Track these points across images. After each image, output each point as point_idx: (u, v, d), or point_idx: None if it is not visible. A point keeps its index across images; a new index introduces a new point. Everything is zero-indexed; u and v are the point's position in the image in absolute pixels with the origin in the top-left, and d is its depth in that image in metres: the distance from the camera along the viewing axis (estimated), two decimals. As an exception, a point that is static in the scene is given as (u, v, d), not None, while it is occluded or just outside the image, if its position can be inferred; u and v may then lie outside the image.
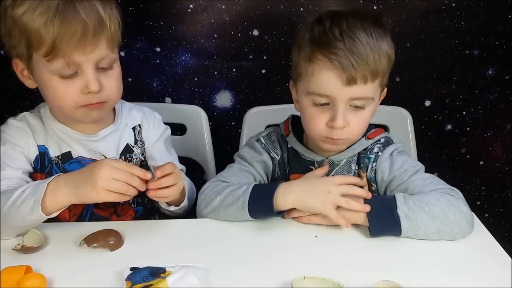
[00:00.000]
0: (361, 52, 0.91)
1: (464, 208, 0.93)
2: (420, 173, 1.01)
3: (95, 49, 0.91)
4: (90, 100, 0.95)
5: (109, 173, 0.84)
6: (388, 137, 1.08)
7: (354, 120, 0.97)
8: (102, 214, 1.08)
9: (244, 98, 1.64)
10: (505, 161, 1.77)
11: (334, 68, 0.92)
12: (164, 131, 1.18)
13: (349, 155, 1.06)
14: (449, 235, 0.91)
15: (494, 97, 1.67)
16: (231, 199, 0.97)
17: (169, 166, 0.91)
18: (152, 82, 1.62)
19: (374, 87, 0.96)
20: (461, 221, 0.91)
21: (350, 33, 0.92)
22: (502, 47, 1.60)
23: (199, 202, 1.03)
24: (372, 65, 0.92)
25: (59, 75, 0.92)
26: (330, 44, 0.92)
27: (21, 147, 1.01)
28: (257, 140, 1.13)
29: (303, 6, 1.52)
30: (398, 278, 0.77)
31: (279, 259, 0.87)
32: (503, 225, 1.85)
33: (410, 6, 1.54)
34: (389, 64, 0.98)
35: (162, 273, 0.78)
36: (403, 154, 1.05)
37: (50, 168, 1.03)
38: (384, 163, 1.04)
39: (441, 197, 0.93)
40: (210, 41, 1.57)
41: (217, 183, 1.04)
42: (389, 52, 0.96)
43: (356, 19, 0.94)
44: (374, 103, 0.99)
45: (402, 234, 0.90)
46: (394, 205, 0.91)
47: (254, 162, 1.10)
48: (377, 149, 1.06)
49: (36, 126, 1.03)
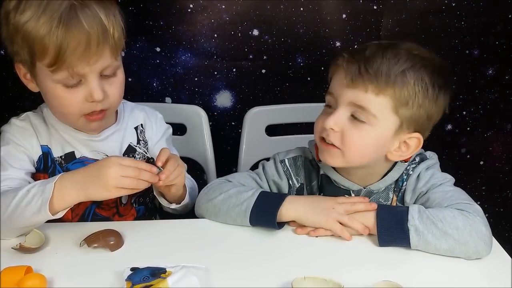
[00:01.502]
0: (375, 64, 0.89)
1: (482, 228, 0.87)
2: (444, 185, 0.95)
3: (99, 59, 0.91)
4: (94, 107, 0.95)
5: (118, 172, 0.86)
6: (422, 153, 1.02)
7: (349, 135, 0.92)
8: (104, 214, 1.08)
9: (244, 98, 1.64)
10: (505, 161, 1.77)
11: (343, 69, 0.92)
12: (166, 130, 1.18)
13: (388, 183, 1.00)
14: (463, 254, 0.86)
15: (494, 97, 1.67)
16: (235, 201, 0.96)
17: (164, 151, 0.95)
18: (152, 82, 1.61)
19: (381, 104, 0.90)
20: (477, 242, 0.86)
21: (379, 56, 0.90)
22: (502, 47, 1.60)
23: (200, 196, 1.02)
24: (381, 80, 0.89)
25: (63, 84, 0.92)
26: (355, 53, 0.92)
27: (24, 147, 1.01)
28: (281, 161, 1.06)
29: (303, 6, 1.51)
30: (398, 278, 0.77)
31: (280, 259, 0.87)
32: (503, 225, 1.85)
33: (410, 6, 1.54)
34: (422, 107, 0.91)
35: (163, 273, 0.78)
36: (432, 168, 0.99)
37: (53, 168, 1.03)
38: (412, 184, 0.98)
39: (458, 215, 0.87)
40: (210, 41, 1.57)
41: (223, 182, 1.03)
42: (429, 94, 0.90)
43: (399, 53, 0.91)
44: (380, 125, 0.91)
45: (412, 247, 0.87)
46: (405, 218, 0.87)
47: (270, 180, 1.06)
48: (412, 169, 1.00)
49: (39, 126, 1.03)
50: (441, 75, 0.93)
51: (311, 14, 1.52)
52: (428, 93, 0.91)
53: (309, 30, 1.53)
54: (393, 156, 0.95)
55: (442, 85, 0.93)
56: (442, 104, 0.94)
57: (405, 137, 0.94)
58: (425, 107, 0.91)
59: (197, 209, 1.02)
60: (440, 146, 1.73)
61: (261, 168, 1.08)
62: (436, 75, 0.92)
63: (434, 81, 0.91)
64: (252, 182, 1.05)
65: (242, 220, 0.95)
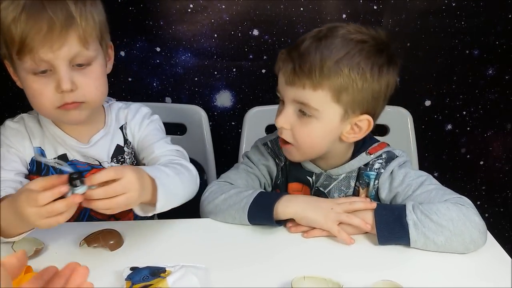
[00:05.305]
0: (308, 60, 0.91)
1: (475, 218, 0.88)
2: (424, 186, 0.96)
3: (63, 46, 0.88)
4: (65, 99, 0.92)
5: (36, 214, 0.75)
6: (390, 151, 1.03)
7: (298, 131, 0.96)
8: (100, 217, 1.07)
9: (244, 98, 1.64)
10: (505, 161, 1.77)
11: (281, 69, 0.96)
12: (145, 116, 1.12)
13: (347, 170, 1.04)
14: (460, 245, 0.87)
15: (494, 97, 1.67)
16: (235, 199, 0.97)
17: (107, 172, 0.77)
18: (152, 82, 1.62)
19: (320, 98, 0.92)
20: (472, 231, 0.87)
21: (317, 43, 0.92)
22: (502, 47, 1.60)
23: (203, 199, 1.03)
24: (315, 76, 0.90)
25: (33, 73, 0.91)
26: (291, 50, 0.95)
27: (16, 149, 1.01)
28: (264, 144, 1.13)
29: (303, 6, 1.52)
30: (398, 278, 0.77)
31: (279, 259, 0.87)
32: (503, 225, 1.85)
33: (410, 6, 1.54)
34: (363, 90, 0.92)
35: (162, 273, 0.78)
36: (405, 167, 1.01)
37: (46, 170, 1.03)
38: (385, 182, 1.00)
39: (451, 206, 0.89)
40: (210, 41, 1.57)
41: (223, 184, 1.04)
42: (364, 76, 0.91)
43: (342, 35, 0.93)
44: (324, 117, 0.94)
45: (411, 243, 0.88)
46: (403, 213, 0.88)
47: (259, 164, 1.11)
48: (378, 165, 1.02)
49: (34, 128, 1.03)
50: (381, 54, 0.93)
51: (311, 14, 1.52)
52: (366, 76, 0.91)
53: (309, 30, 1.51)
54: (347, 138, 0.98)
55: (383, 63, 0.93)
56: (387, 80, 0.95)
57: (355, 120, 0.96)
58: (366, 89, 0.92)
59: (201, 211, 1.03)
60: (440, 146, 1.73)
61: (246, 159, 1.12)
62: (374, 56, 0.92)
63: (373, 63, 0.92)
64: (249, 176, 1.08)
65: (241, 217, 0.96)
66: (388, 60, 0.94)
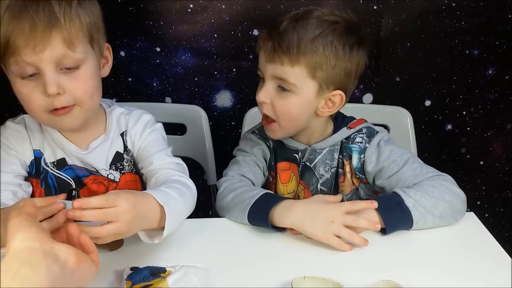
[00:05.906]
0: (286, 38, 0.97)
1: (457, 190, 0.98)
2: (409, 164, 1.03)
3: (47, 47, 0.85)
4: (55, 104, 0.90)
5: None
6: (370, 127, 1.10)
7: (278, 104, 1.02)
8: None
9: (244, 98, 1.64)
10: (505, 161, 1.77)
11: (262, 47, 1.03)
12: (146, 125, 1.08)
13: (330, 144, 1.10)
14: (451, 217, 0.96)
15: (494, 97, 1.67)
16: (240, 198, 0.99)
17: (99, 199, 0.73)
18: (152, 82, 1.62)
19: (298, 73, 0.98)
20: (456, 201, 0.96)
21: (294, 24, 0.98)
22: (502, 47, 1.60)
23: (218, 193, 1.07)
24: (293, 53, 0.97)
25: (21, 77, 0.88)
26: (271, 30, 1.02)
27: (15, 150, 1.00)
28: (252, 132, 1.20)
29: (303, 6, 1.51)
30: (398, 278, 0.77)
31: (279, 259, 0.87)
32: (503, 225, 1.85)
33: (410, 6, 1.54)
34: (336, 67, 0.99)
35: (162, 273, 0.78)
36: (390, 144, 1.07)
37: (45, 174, 1.02)
38: (372, 154, 1.06)
39: (435, 183, 0.97)
40: (210, 41, 1.57)
41: (234, 180, 1.07)
42: (337, 53, 0.98)
43: (318, 18, 0.99)
44: (301, 91, 1.00)
45: (414, 225, 0.93)
46: (399, 199, 0.93)
47: (254, 151, 1.15)
48: (359, 138, 1.08)
49: (34, 129, 1.02)
50: (353, 35, 1.01)
51: (311, 14, 1.52)
52: (339, 54, 0.99)
53: (309, 30, 1.53)
54: (322, 112, 1.05)
55: (354, 43, 1.00)
56: (358, 59, 1.02)
57: (329, 95, 1.03)
58: (339, 66, 1.00)
59: (216, 206, 1.06)
60: (440, 146, 1.73)
61: (240, 151, 1.17)
62: (346, 36, 0.99)
63: (345, 42, 0.99)
64: (248, 166, 1.13)
65: (242, 217, 0.96)
66: (359, 41, 1.01)
